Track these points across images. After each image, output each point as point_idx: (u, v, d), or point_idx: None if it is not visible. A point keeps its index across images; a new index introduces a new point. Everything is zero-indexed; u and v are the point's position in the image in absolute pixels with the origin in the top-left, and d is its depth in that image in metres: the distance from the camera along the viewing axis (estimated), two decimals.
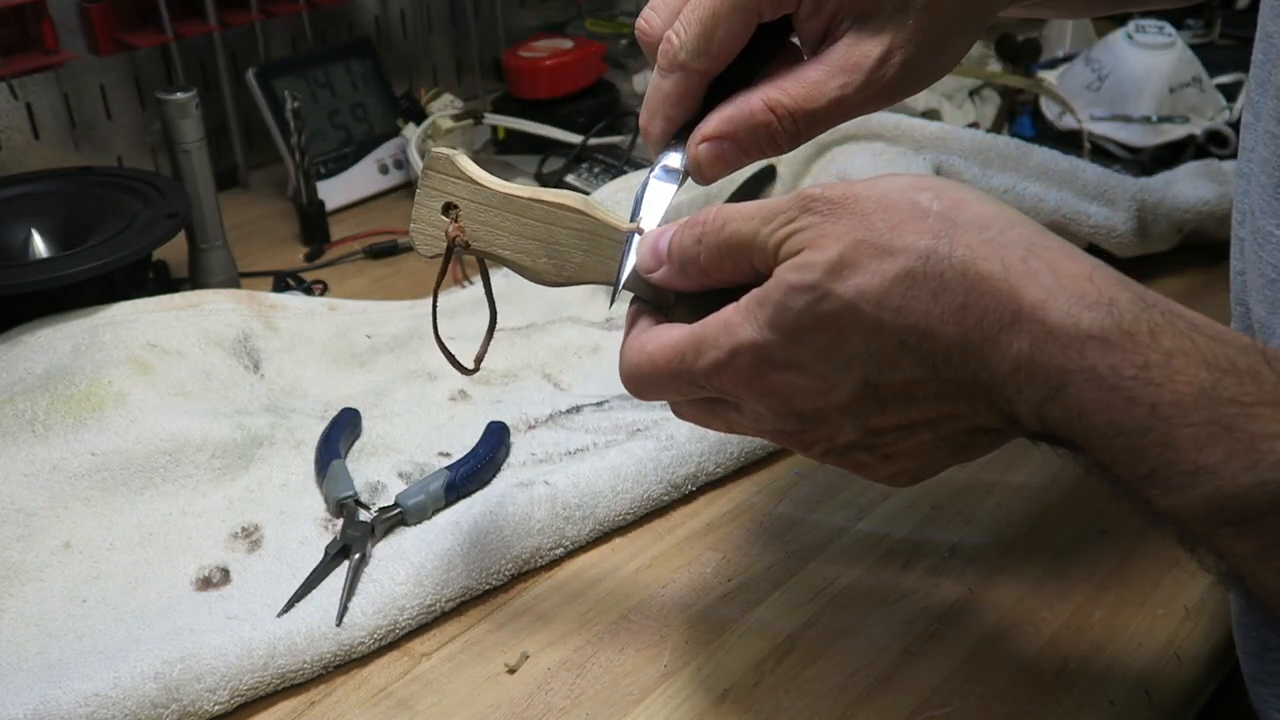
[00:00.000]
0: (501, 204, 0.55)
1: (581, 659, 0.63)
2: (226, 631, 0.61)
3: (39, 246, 0.92)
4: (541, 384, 0.86)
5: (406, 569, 0.65)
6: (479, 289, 0.94)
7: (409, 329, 0.90)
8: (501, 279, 0.95)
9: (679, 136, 0.56)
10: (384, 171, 1.21)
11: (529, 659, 0.63)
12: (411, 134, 1.14)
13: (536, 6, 1.48)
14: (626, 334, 0.53)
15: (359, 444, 0.79)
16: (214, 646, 0.60)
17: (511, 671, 0.62)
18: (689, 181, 0.57)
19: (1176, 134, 1.14)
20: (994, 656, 0.62)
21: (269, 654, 0.60)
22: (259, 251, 1.10)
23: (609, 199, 1.01)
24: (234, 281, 1.00)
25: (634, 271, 0.53)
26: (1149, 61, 1.16)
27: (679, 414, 0.54)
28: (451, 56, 1.41)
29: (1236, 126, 1.13)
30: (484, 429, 0.78)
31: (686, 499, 0.74)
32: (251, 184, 1.24)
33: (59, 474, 0.72)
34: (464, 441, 0.77)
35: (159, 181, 0.95)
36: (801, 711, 0.59)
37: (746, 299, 0.48)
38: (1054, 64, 1.32)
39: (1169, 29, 1.19)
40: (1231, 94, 1.21)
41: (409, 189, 1.21)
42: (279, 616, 0.63)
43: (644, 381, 0.51)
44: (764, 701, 0.60)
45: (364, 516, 0.70)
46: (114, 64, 1.14)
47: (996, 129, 1.21)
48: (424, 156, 1.12)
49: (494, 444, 0.76)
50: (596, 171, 1.15)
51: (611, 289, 0.55)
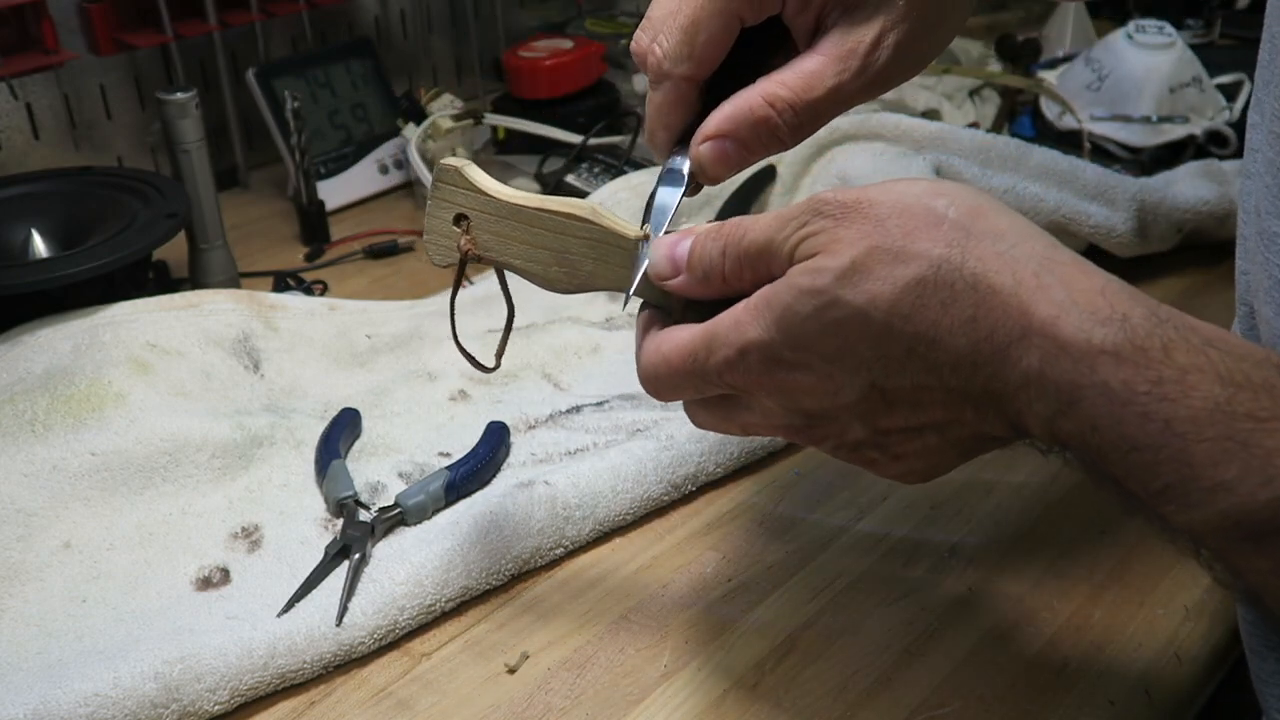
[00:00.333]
0: (511, 214, 0.55)
1: (581, 659, 0.63)
2: (226, 631, 0.61)
3: (39, 246, 0.92)
4: (541, 384, 0.86)
5: (406, 569, 0.65)
6: (479, 289, 0.94)
7: (409, 329, 0.90)
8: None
9: (683, 142, 0.56)
10: (384, 171, 1.21)
11: (529, 659, 0.63)
12: (411, 134, 1.14)
13: (536, 6, 1.48)
14: (640, 339, 0.54)
15: (359, 444, 0.79)
16: (214, 646, 0.60)
17: (511, 671, 0.62)
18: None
19: (1176, 134, 1.14)
20: (994, 656, 0.62)
21: (269, 654, 0.60)
22: (259, 251, 1.10)
23: (609, 199, 1.01)
24: (234, 281, 1.00)
25: (644, 278, 0.53)
26: (1149, 61, 1.16)
27: (696, 422, 0.54)
28: (451, 56, 1.41)
29: (1236, 126, 1.14)
30: (484, 429, 0.78)
31: (686, 499, 0.74)
32: (251, 184, 1.23)
33: (59, 474, 0.72)
34: (464, 441, 0.77)
35: (159, 181, 0.95)
36: (801, 711, 0.59)
37: (756, 297, 0.48)
38: (1054, 64, 1.32)
39: (1169, 29, 1.19)
40: (1231, 94, 1.21)
41: (409, 189, 1.21)
42: (279, 616, 0.63)
43: (661, 382, 0.52)
44: (764, 701, 0.60)
45: (364, 516, 0.70)
46: (114, 64, 1.14)
47: (996, 129, 1.21)
48: (425, 157, 1.12)
49: (494, 444, 0.76)
50: (596, 171, 1.15)
51: (622, 294, 0.55)
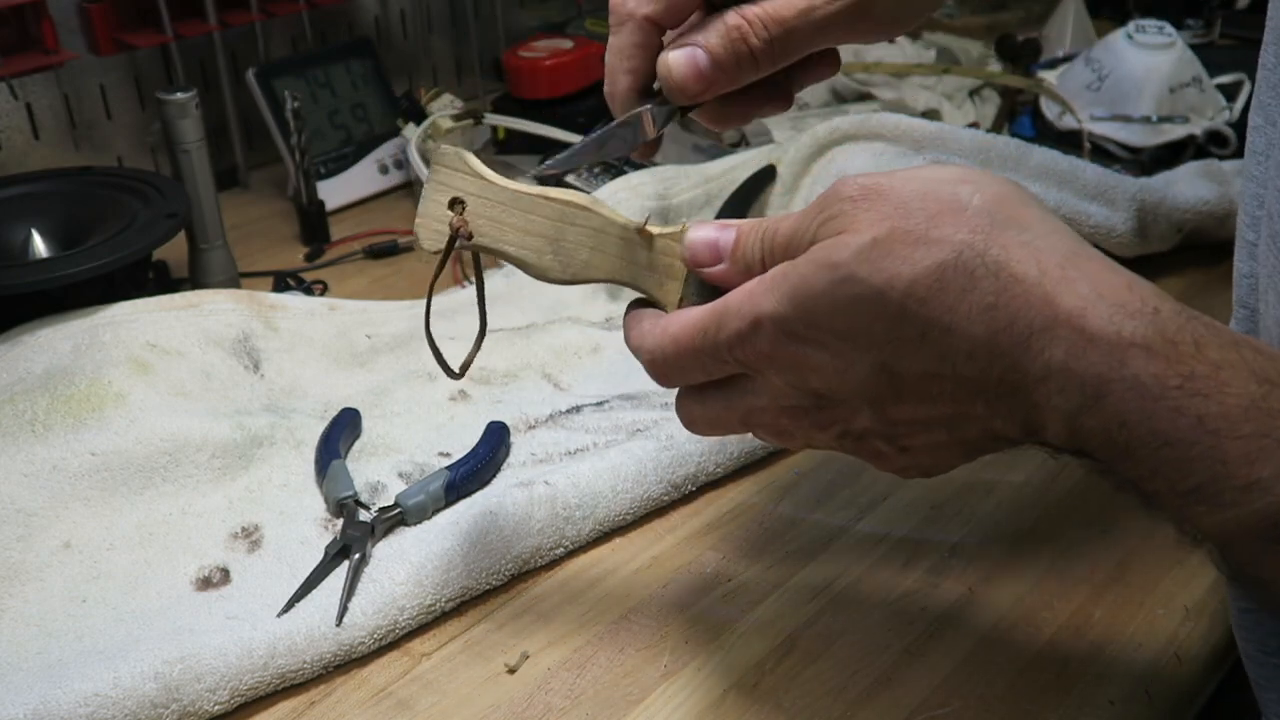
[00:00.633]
0: (509, 200, 0.55)
1: (581, 659, 0.63)
2: (226, 631, 0.61)
3: (39, 246, 0.92)
4: (541, 384, 0.86)
5: (406, 569, 0.65)
6: (475, 290, 0.94)
7: (409, 329, 0.90)
8: (502, 280, 0.96)
9: (645, 94, 0.56)
10: (384, 171, 1.21)
11: (529, 659, 0.63)
12: (411, 134, 1.14)
13: (536, 6, 1.48)
14: (634, 328, 0.53)
15: (359, 444, 0.79)
16: (214, 646, 0.60)
17: (511, 671, 0.62)
18: (688, 179, 0.57)
19: (1176, 134, 1.14)
20: (994, 656, 0.62)
21: (269, 654, 0.60)
22: (259, 251, 1.10)
23: (609, 198, 1.01)
24: (234, 281, 1.00)
25: (645, 272, 0.53)
26: (1149, 61, 1.16)
27: (691, 421, 0.53)
28: (451, 56, 1.41)
29: (1236, 126, 1.14)
30: (484, 429, 0.78)
31: (686, 499, 0.74)
32: (251, 184, 1.23)
33: (59, 474, 0.72)
34: (464, 441, 0.77)
35: (159, 181, 0.95)
36: (801, 711, 0.59)
37: (772, 271, 0.47)
38: (1054, 64, 1.32)
39: (1169, 29, 1.19)
40: (1231, 94, 1.21)
41: (409, 189, 1.21)
42: (279, 616, 0.63)
43: (669, 364, 0.51)
44: (764, 701, 0.60)
45: (364, 516, 0.70)
46: (114, 64, 1.14)
47: (996, 129, 1.21)
48: (425, 157, 1.12)
49: (494, 444, 0.76)
50: (596, 171, 1.15)
51: (615, 287, 0.55)
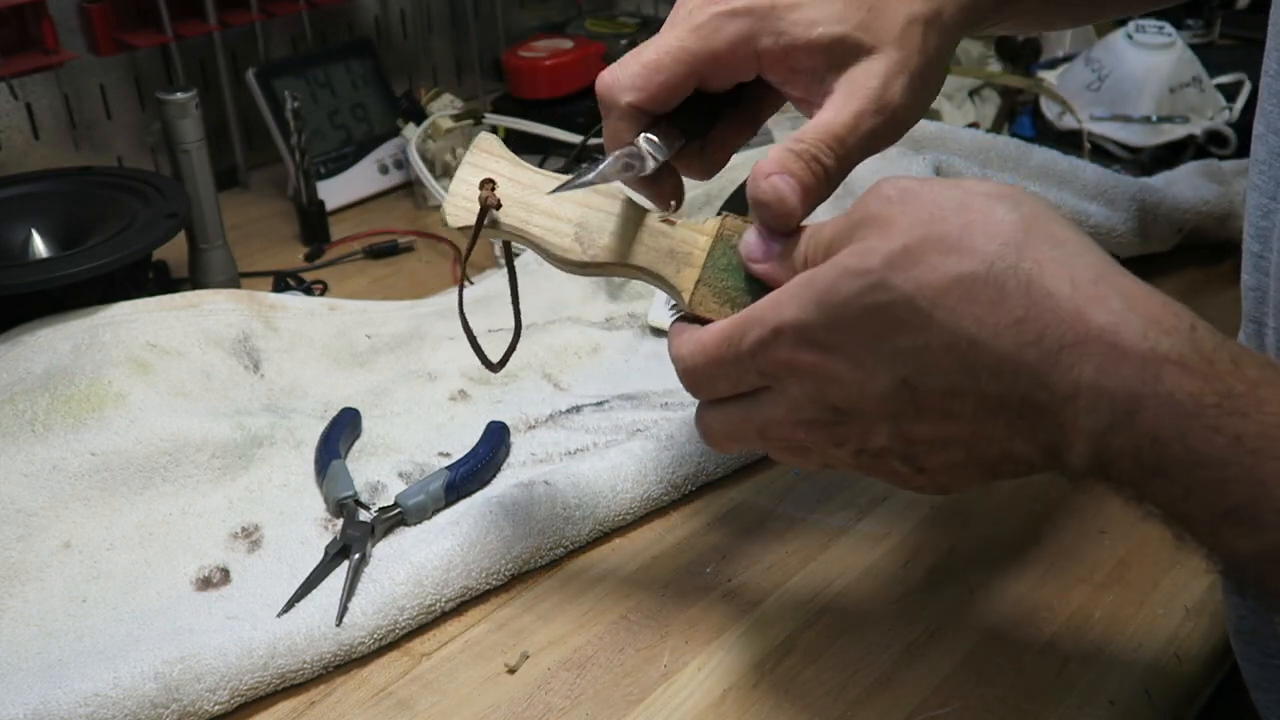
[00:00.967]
0: (541, 185, 0.57)
1: (581, 659, 0.63)
2: (226, 631, 0.61)
3: (39, 246, 0.92)
4: (541, 384, 0.86)
5: (406, 569, 0.65)
6: (479, 289, 0.95)
7: (409, 329, 0.90)
8: (502, 280, 0.95)
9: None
10: (384, 171, 1.21)
11: (529, 659, 0.63)
12: (411, 134, 1.14)
13: (536, 6, 1.48)
14: (675, 339, 0.53)
15: (359, 444, 0.79)
16: (214, 646, 0.60)
17: (511, 671, 0.62)
18: (688, 181, 0.58)
19: (1176, 134, 1.14)
20: (994, 656, 0.62)
21: (269, 654, 0.60)
22: (259, 251, 1.10)
23: None
24: (234, 281, 1.00)
25: (665, 258, 0.55)
26: (1149, 61, 1.16)
27: (709, 434, 0.53)
28: (451, 56, 1.41)
29: (1236, 126, 1.13)
30: (484, 429, 0.78)
31: (686, 499, 0.74)
32: (251, 184, 1.23)
33: (59, 474, 0.72)
34: (464, 441, 0.77)
35: (159, 181, 0.95)
36: (801, 711, 0.59)
37: (799, 277, 0.47)
38: (1054, 64, 1.32)
39: (1169, 29, 1.19)
40: (1231, 94, 1.21)
41: (409, 189, 1.21)
42: (279, 616, 0.63)
43: (699, 374, 0.51)
44: (764, 701, 0.60)
45: (364, 516, 0.70)
46: (114, 64, 1.14)
47: (996, 129, 1.21)
48: (425, 157, 1.12)
49: (494, 444, 0.76)
50: None
51: (619, 285, 0.55)
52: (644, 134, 0.55)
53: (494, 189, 0.57)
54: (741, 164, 1.04)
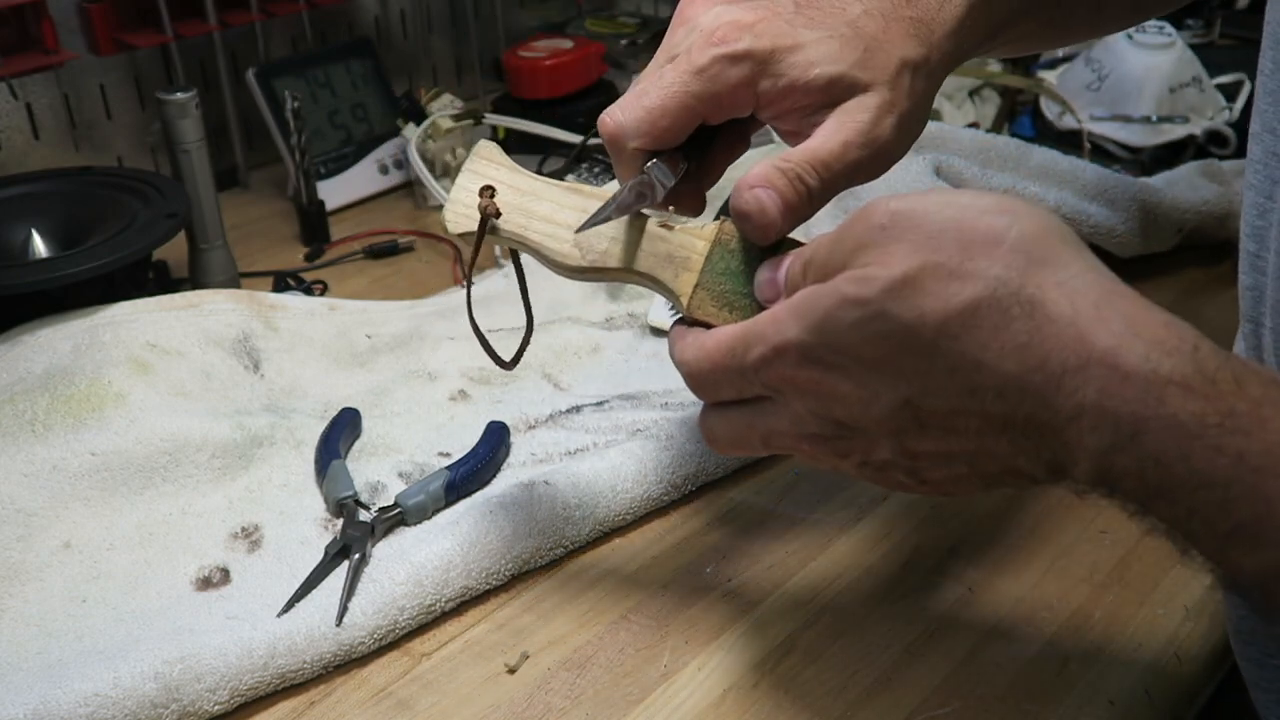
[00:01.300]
0: (538, 190, 0.58)
1: (581, 659, 0.63)
2: (226, 631, 0.61)
3: (39, 246, 0.92)
4: (541, 384, 0.86)
5: (406, 569, 0.65)
6: (480, 288, 0.94)
7: (409, 329, 0.90)
8: (502, 280, 0.96)
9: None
10: (384, 171, 1.21)
11: (529, 659, 0.63)
12: (411, 134, 1.14)
13: (536, 6, 1.48)
14: (678, 343, 0.53)
15: (359, 444, 0.79)
16: (214, 646, 0.60)
17: (511, 671, 0.62)
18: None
19: (1176, 134, 1.14)
20: (994, 656, 0.62)
21: (269, 654, 0.60)
22: (259, 251, 1.10)
23: None
24: (234, 281, 1.00)
25: (663, 263, 0.55)
26: (1149, 61, 1.16)
27: (712, 438, 0.53)
28: (451, 56, 1.41)
29: (1236, 126, 1.13)
30: (484, 429, 0.78)
31: (686, 499, 0.74)
32: (251, 184, 1.23)
33: (59, 474, 0.72)
34: (464, 441, 0.77)
35: (159, 181, 0.95)
36: (801, 711, 0.59)
37: (799, 295, 0.47)
38: (1054, 64, 1.32)
39: (1169, 29, 1.19)
40: (1231, 94, 1.21)
41: (409, 189, 1.21)
42: (279, 616, 0.63)
43: (703, 378, 0.51)
44: (764, 701, 0.60)
45: (364, 516, 0.70)
46: (114, 64, 1.14)
47: (996, 129, 1.21)
48: (425, 157, 1.12)
49: (494, 444, 0.76)
50: (597, 171, 1.15)
51: (619, 285, 0.56)
52: (653, 162, 0.56)
53: (493, 196, 0.58)
54: (742, 165, 1.05)
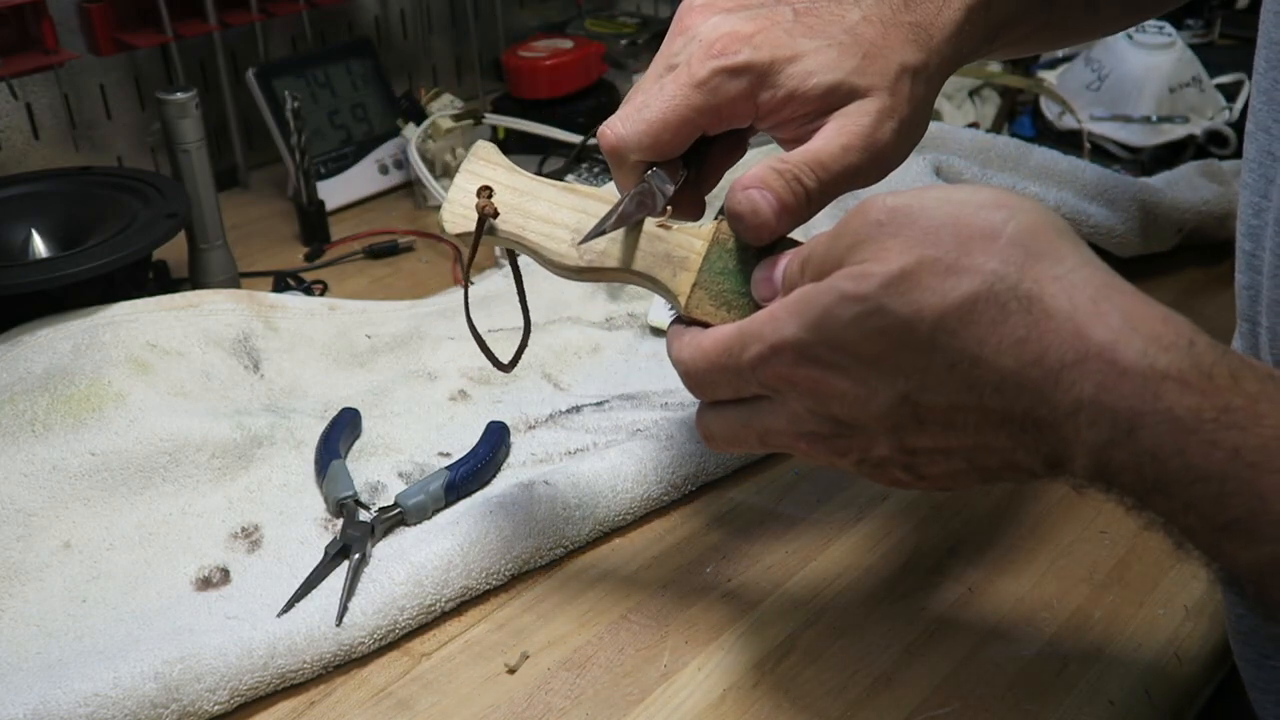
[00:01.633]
0: (535, 190, 0.58)
1: (581, 659, 0.63)
2: (226, 631, 0.61)
3: (39, 246, 0.92)
4: (541, 384, 0.86)
5: (406, 569, 0.65)
6: (479, 289, 0.94)
7: (409, 329, 0.90)
8: (502, 279, 0.96)
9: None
10: (384, 171, 1.21)
11: (529, 659, 0.63)
12: (411, 134, 1.14)
13: (536, 6, 1.48)
14: (675, 341, 0.53)
15: (359, 444, 0.79)
16: (214, 646, 0.60)
17: (511, 671, 0.62)
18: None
19: (1176, 134, 1.14)
20: (994, 656, 0.62)
21: (269, 654, 0.60)
22: (259, 251, 1.10)
23: None
24: (234, 281, 1.00)
25: (660, 263, 0.55)
26: (1149, 61, 1.16)
27: (710, 437, 0.53)
28: (451, 56, 1.41)
29: (1236, 126, 1.13)
30: (484, 429, 0.78)
31: (686, 499, 0.74)
32: (251, 184, 1.23)
33: (59, 474, 0.72)
34: (464, 441, 0.77)
35: (159, 181, 0.95)
36: (801, 711, 0.59)
37: (796, 294, 0.47)
38: (1054, 64, 1.32)
39: (1169, 29, 1.19)
40: (1231, 94, 1.21)
41: (409, 189, 1.21)
42: (279, 616, 0.63)
43: (700, 377, 0.51)
44: (764, 701, 0.60)
45: (364, 516, 0.70)
46: (114, 64, 1.14)
47: (996, 129, 1.21)
48: (425, 157, 1.12)
49: (494, 444, 0.76)
50: (596, 171, 1.15)
51: (619, 285, 0.55)
52: (652, 170, 0.57)
53: (491, 196, 0.58)
54: (741, 166, 1.05)
